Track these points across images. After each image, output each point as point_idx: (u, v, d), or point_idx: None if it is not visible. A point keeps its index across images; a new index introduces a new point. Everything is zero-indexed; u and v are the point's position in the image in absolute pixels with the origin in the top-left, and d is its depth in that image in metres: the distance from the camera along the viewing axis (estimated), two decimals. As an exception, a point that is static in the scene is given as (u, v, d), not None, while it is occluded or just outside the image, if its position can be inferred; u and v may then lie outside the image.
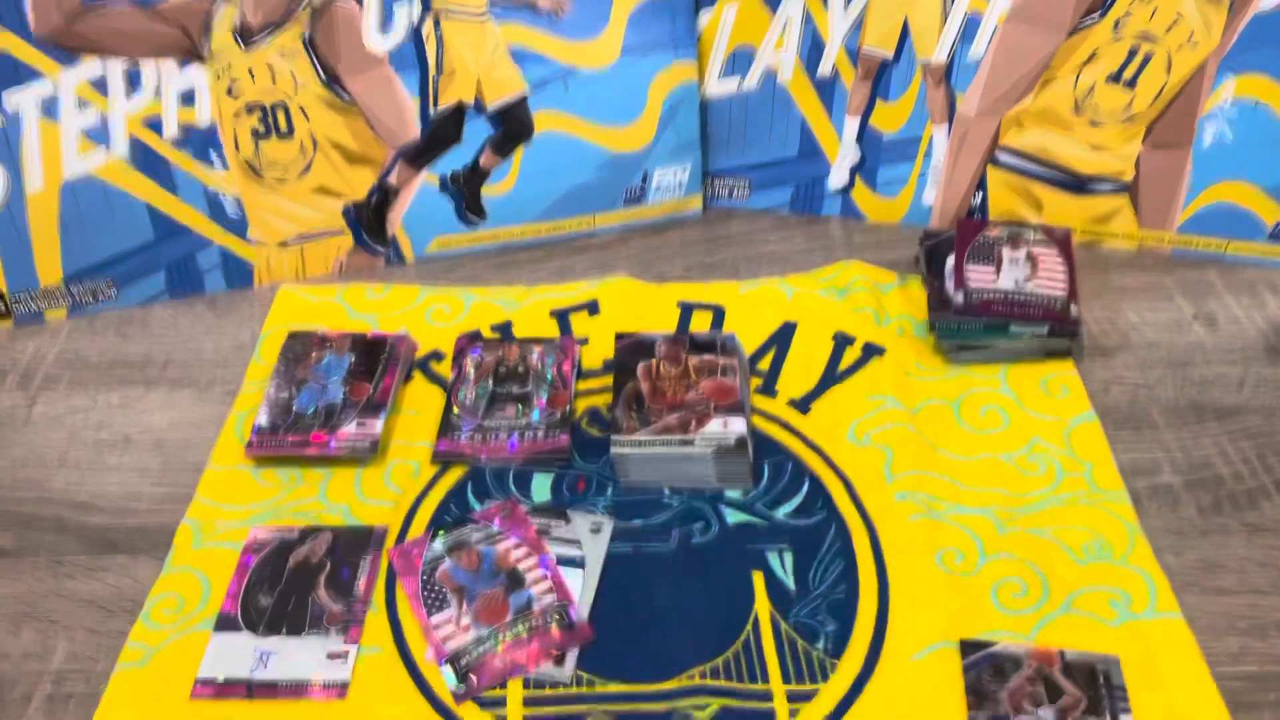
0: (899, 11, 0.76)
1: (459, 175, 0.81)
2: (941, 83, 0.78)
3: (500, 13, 0.75)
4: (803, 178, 0.85)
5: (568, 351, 0.71)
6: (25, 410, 0.71)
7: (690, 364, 0.67)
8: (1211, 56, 0.72)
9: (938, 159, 0.81)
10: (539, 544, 0.59)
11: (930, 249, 0.74)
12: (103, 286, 0.78)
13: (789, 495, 0.62)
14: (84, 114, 0.73)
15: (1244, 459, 0.64)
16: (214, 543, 0.61)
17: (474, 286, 0.79)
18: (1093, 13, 0.73)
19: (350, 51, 0.75)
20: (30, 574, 0.60)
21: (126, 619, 0.58)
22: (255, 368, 0.72)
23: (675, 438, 0.62)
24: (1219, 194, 0.77)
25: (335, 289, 0.79)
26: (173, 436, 0.69)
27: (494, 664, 0.54)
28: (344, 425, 0.66)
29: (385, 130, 0.78)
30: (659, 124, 0.81)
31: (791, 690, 0.53)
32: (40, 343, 0.76)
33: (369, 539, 0.61)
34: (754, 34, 0.80)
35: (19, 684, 0.55)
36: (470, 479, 0.64)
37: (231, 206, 0.78)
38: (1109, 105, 0.76)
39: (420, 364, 0.72)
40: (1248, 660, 0.54)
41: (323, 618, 0.56)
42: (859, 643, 0.55)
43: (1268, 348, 0.72)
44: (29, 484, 0.66)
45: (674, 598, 0.57)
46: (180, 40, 0.73)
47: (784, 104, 0.82)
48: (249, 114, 0.75)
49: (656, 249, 0.83)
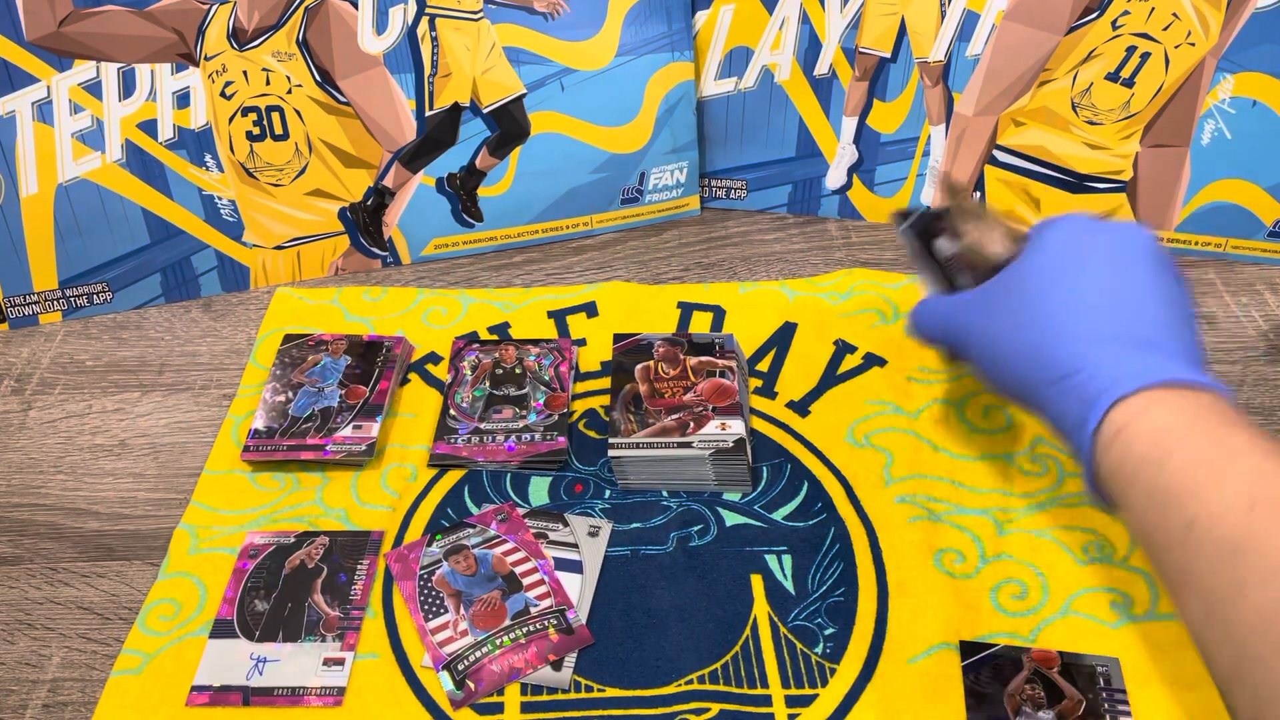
0: (896, 11, 0.76)
1: (455, 177, 0.80)
2: (939, 82, 0.78)
3: (496, 13, 0.75)
4: (800, 178, 0.85)
5: (565, 353, 0.71)
6: (20, 415, 0.71)
7: (688, 365, 0.66)
8: (1209, 54, 0.72)
9: (935, 158, 0.81)
10: (536, 547, 0.59)
11: (919, 229, 0.65)
12: (98, 290, 0.78)
13: (788, 497, 0.62)
14: (78, 117, 0.72)
15: (1244, 459, 0.64)
16: (210, 548, 0.61)
17: (471, 288, 0.79)
18: (1090, 11, 0.73)
19: (345, 53, 0.75)
20: (25, 581, 0.60)
21: (122, 625, 0.57)
22: (251, 371, 0.72)
23: (673, 440, 0.61)
24: (1218, 192, 0.77)
25: (332, 291, 0.79)
26: (168, 441, 0.68)
27: (491, 669, 0.54)
28: (340, 429, 0.65)
29: (381, 132, 0.78)
30: (656, 124, 0.81)
31: (790, 694, 0.53)
32: (35, 347, 0.76)
33: (366, 543, 0.60)
34: (751, 34, 0.79)
35: (15, 692, 0.54)
36: (467, 482, 0.64)
37: (227, 209, 0.78)
38: (1107, 104, 0.75)
39: (417, 366, 0.72)
40: (1249, 662, 0.54)
41: (319, 623, 0.56)
42: (858, 645, 0.55)
43: (1268, 347, 0.72)
44: (24, 490, 0.66)
45: (672, 601, 0.57)
46: (174, 43, 0.72)
47: (781, 104, 0.82)
48: (244, 116, 0.75)
49: (654, 249, 0.83)
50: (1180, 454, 0.43)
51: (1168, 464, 0.43)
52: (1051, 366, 0.48)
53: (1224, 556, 0.40)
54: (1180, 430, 0.43)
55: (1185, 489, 0.42)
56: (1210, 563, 0.40)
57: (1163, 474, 0.43)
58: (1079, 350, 0.47)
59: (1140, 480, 0.44)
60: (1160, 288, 0.49)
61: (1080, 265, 0.50)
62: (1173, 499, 0.42)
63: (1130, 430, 0.45)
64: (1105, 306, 0.48)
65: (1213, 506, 0.41)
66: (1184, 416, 0.44)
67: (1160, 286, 0.49)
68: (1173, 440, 0.43)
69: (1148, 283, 0.49)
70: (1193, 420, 0.44)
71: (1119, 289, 0.49)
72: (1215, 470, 0.42)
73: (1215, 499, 0.41)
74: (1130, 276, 0.49)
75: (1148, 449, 0.44)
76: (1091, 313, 0.48)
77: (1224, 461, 0.42)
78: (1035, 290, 0.50)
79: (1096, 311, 0.48)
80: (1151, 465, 0.43)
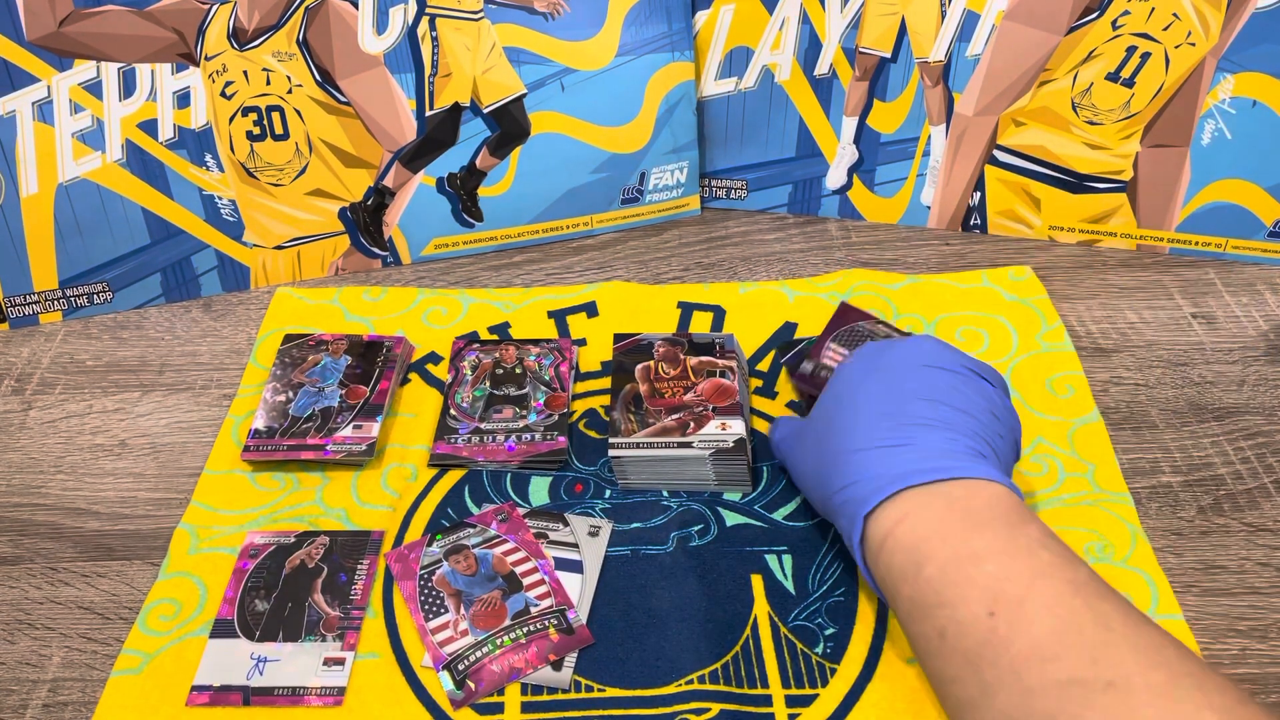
0: (896, 11, 0.76)
1: (456, 177, 0.80)
2: (939, 82, 0.78)
3: (496, 13, 0.75)
4: (800, 178, 0.85)
5: (565, 353, 0.71)
6: (20, 415, 0.71)
7: (689, 365, 0.66)
8: (1210, 54, 0.72)
9: (935, 158, 0.81)
10: (537, 547, 0.59)
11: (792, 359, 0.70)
12: (98, 290, 0.78)
13: (788, 497, 0.62)
14: (78, 117, 0.72)
15: (1244, 459, 0.64)
16: (210, 548, 0.61)
17: (471, 288, 0.79)
18: (1091, 11, 0.73)
19: (345, 53, 0.75)
20: (26, 580, 0.60)
21: (123, 625, 0.57)
22: (252, 371, 0.72)
23: (674, 440, 0.61)
24: (1218, 192, 0.77)
25: (332, 291, 0.79)
26: (169, 441, 0.68)
27: (491, 669, 0.54)
28: (341, 429, 0.65)
29: (381, 132, 0.78)
30: (656, 124, 0.81)
31: (791, 694, 0.53)
32: (35, 347, 0.76)
33: (366, 543, 0.60)
34: (751, 34, 0.79)
35: (15, 692, 0.54)
36: (467, 482, 0.64)
37: (227, 209, 0.78)
38: (1107, 104, 0.75)
39: (417, 366, 0.72)
40: (1248, 662, 0.54)
41: (319, 623, 0.56)
42: (858, 645, 0.55)
43: (1268, 347, 0.72)
44: (25, 490, 0.66)
45: (673, 601, 0.57)
46: (175, 43, 0.72)
47: (781, 104, 0.82)
48: (244, 116, 0.75)
49: (654, 249, 0.83)
50: (930, 565, 0.45)
51: (920, 575, 0.45)
52: (833, 480, 0.51)
53: (970, 663, 0.42)
54: (933, 539, 0.45)
55: (936, 599, 0.44)
56: (959, 670, 0.43)
57: (918, 585, 0.45)
58: (852, 461, 0.50)
59: (902, 590, 0.46)
60: (932, 387, 0.51)
61: (862, 384, 0.53)
62: (928, 609, 0.44)
63: (891, 541, 0.47)
64: (874, 416, 0.51)
65: (959, 614, 0.43)
66: (935, 524, 0.46)
67: (933, 386, 0.51)
68: (924, 552, 0.45)
69: (914, 388, 0.51)
70: (941, 527, 0.46)
71: (887, 398, 0.51)
72: (960, 578, 0.44)
73: (960, 607, 0.43)
74: (900, 385, 0.52)
75: (904, 561, 0.46)
76: (864, 425, 0.51)
77: (969, 568, 0.44)
78: (826, 413, 0.54)
79: (867, 422, 0.51)
80: (909, 578, 0.46)
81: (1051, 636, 0.40)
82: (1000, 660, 0.41)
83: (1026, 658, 0.40)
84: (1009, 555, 0.44)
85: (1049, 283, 0.77)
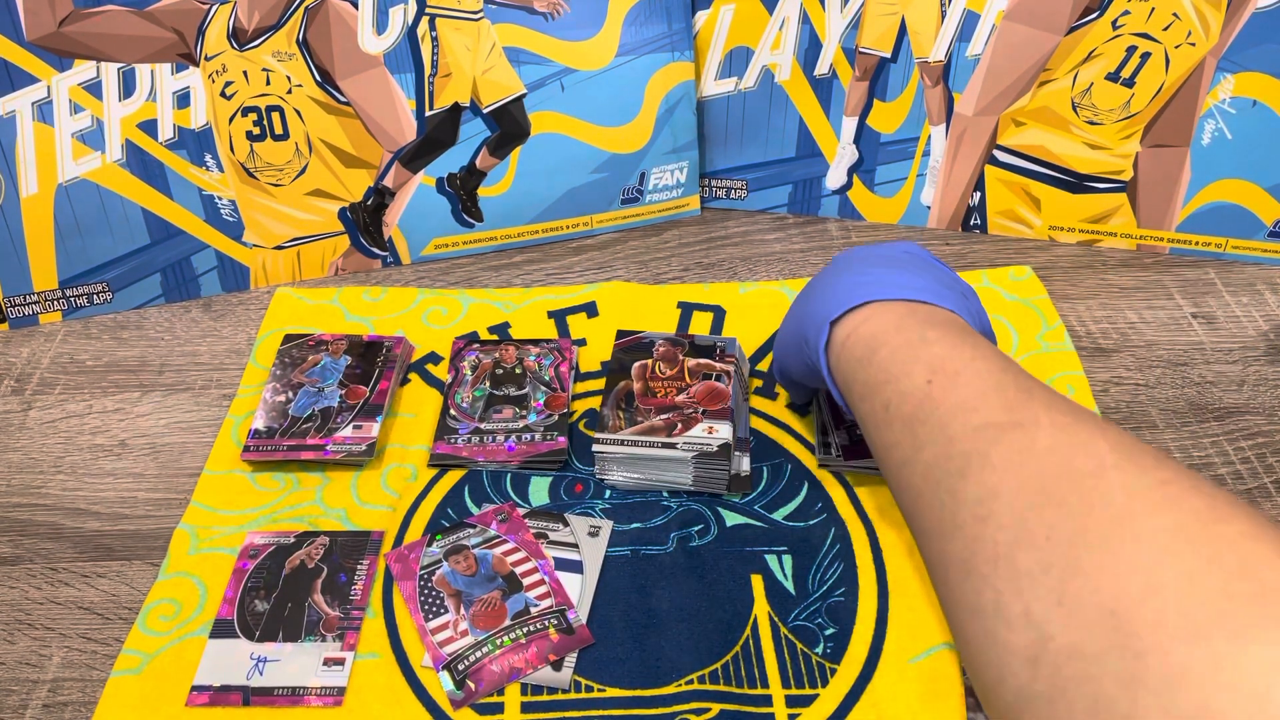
0: (896, 11, 0.76)
1: (456, 177, 0.80)
2: (939, 82, 0.78)
3: (496, 13, 0.75)
4: (800, 178, 0.85)
5: (565, 353, 0.71)
6: (20, 415, 0.71)
7: (686, 366, 0.66)
8: (1210, 54, 0.72)
9: (935, 158, 0.81)
10: (537, 548, 0.59)
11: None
12: (98, 290, 0.78)
13: (788, 497, 0.62)
14: (78, 117, 0.72)
15: (1244, 459, 0.64)
16: (210, 548, 0.61)
17: (471, 288, 0.79)
18: (1091, 11, 0.73)
19: (345, 53, 0.75)
20: (26, 581, 0.60)
21: (122, 626, 0.57)
22: (251, 371, 0.72)
23: (658, 440, 0.61)
24: (1218, 192, 0.77)
25: (332, 291, 0.79)
26: (168, 441, 0.68)
27: (491, 669, 0.54)
28: (340, 429, 0.65)
29: (381, 132, 0.78)
30: (656, 124, 0.81)
31: (791, 694, 0.53)
32: (35, 347, 0.76)
33: (366, 543, 0.60)
34: (751, 34, 0.79)
35: (15, 692, 0.54)
36: (467, 482, 0.64)
37: (227, 209, 0.78)
38: (1107, 104, 0.75)
39: (417, 366, 0.72)
40: (1249, 662, 0.54)
41: (319, 623, 0.56)
42: (858, 645, 0.55)
43: (1268, 347, 0.72)
44: (24, 490, 0.66)
45: (673, 601, 0.57)
46: (174, 43, 0.72)
47: (781, 104, 0.82)
48: (244, 116, 0.75)
49: (654, 249, 0.83)
50: (883, 350, 0.49)
51: (873, 359, 0.49)
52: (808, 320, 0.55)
53: (908, 428, 0.45)
54: (888, 331, 0.49)
55: (884, 377, 0.48)
56: (899, 435, 0.46)
57: (869, 369, 0.49)
58: (829, 299, 0.53)
59: (856, 378, 0.50)
60: (904, 261, 0.55)
61: (837, 263, 0.57)
62: (876, 388, 0.48)
63: (851, 339, 0.51)
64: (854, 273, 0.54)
65: (902, 386, 0.46)
66: (893, 321, 0.50)
67: (904, 261, 0.55)
68: (878, 340, 0.49)
69: (885, 256, 0.56)
70: (900, 322, 0.49)
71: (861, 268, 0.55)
72: (908, 357, 0.47)
73: (904, 380, 0.46)
74: (873, 255, 0.56)
75: (861, 351, 0.50)
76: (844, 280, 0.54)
77: (916, 349, 0.47)
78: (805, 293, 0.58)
79: (847, 277, 0.54)
80: (863, 364, 0.49)
81: (976, 395, 0.44)
82: (931, 418, 0.44)
83: (952, 412, 0.43)
84: (951, 343, 0.47)
85: (1049, 283, 0.77)
